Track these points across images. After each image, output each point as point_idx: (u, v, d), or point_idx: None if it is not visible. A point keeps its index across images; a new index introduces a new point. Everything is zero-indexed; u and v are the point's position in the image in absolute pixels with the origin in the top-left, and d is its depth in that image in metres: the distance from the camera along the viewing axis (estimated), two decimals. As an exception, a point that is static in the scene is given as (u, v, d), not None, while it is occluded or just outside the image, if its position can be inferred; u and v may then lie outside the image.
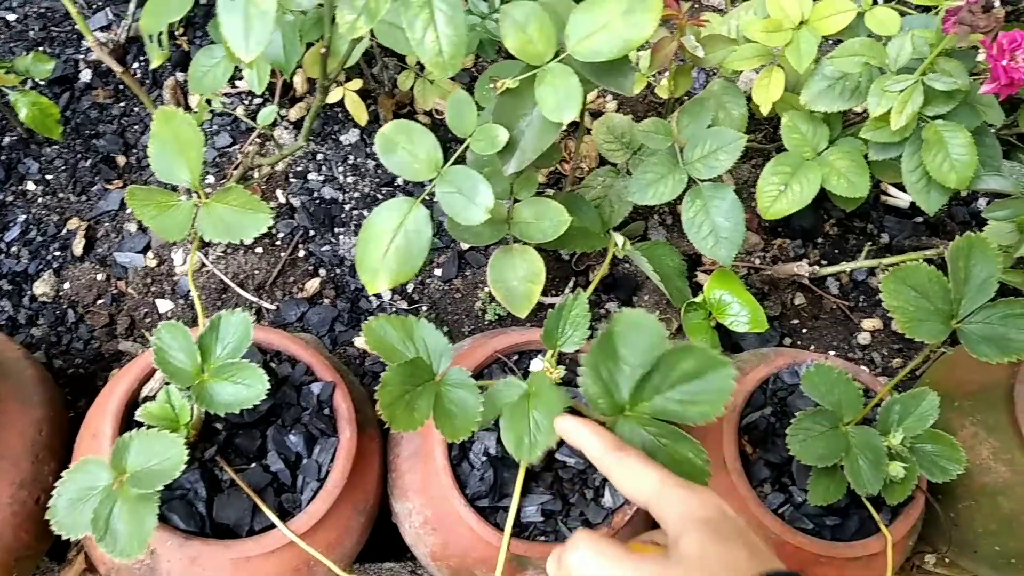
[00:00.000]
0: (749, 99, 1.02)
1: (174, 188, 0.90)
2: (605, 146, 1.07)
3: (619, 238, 0.95)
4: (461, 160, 0.80)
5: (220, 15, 0.59)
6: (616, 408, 0.69)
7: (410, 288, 1.10)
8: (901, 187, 1.27)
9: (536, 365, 0.84)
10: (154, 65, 0.97)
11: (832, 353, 1.19)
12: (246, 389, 0.68)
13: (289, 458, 0.78)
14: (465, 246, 1.11)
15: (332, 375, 0.81)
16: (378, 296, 1.09)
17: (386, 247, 0.79)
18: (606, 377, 0.69)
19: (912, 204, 1.27)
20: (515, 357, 0.87)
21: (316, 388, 0.80)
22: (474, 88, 0.93)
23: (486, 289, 1.09)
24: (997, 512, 0.91)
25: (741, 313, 1.01)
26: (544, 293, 1.11)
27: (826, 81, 0.93)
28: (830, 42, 1.06)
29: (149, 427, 0.69)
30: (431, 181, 0.79)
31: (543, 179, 1.19)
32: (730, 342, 1.15)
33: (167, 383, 0.74)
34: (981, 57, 0.83)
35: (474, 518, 0.77)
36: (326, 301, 1.08)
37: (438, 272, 1.11)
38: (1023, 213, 0.88)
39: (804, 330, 1.19)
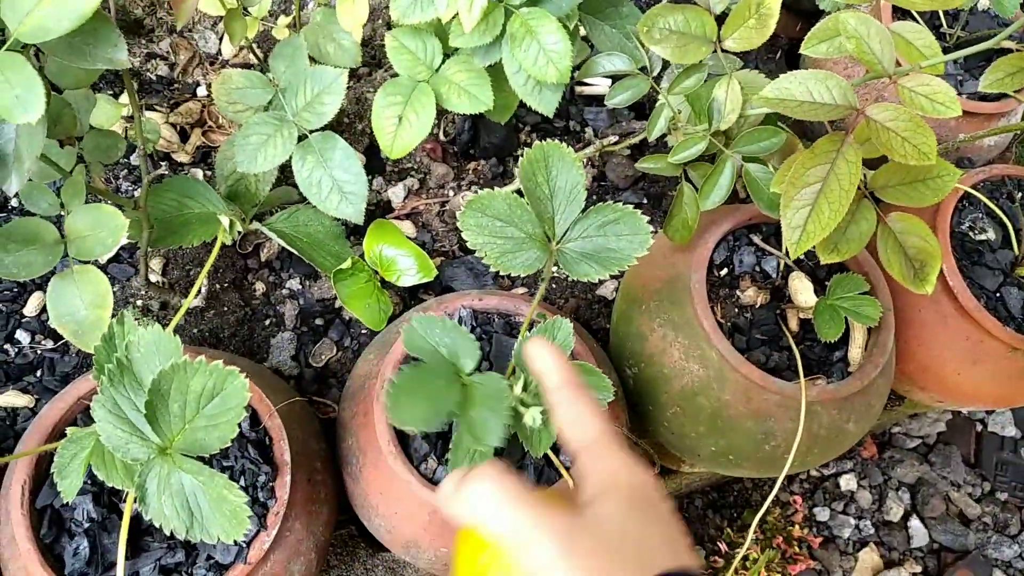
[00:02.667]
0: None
1: None
2: (230, 110, 0.92)
3: (224, 218, 0.82)
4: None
5: None
6: (156, 449, 0.58)
7: (53, 322, 0.96)
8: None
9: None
10: None
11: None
12: None
13: None
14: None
15: None
16: (12, 341, 0.94)
17: None
18: (133, 416, 0.58)
19: (612, 88, 1.17)
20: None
21: None
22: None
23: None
24: (700, 413, 0.84)
25: (409, 265, 0.90)
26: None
27: (413, -13, 0.80)
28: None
29: None
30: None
31: (188, 158, 1.04)
32: (441, 287, 1.05)
33: None
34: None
35: (70, 603, 0.65)
36: (-48, 363, 0.93)
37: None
38: (643, 91, 0.78)
39: (520, 253, 1.09)
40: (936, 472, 1.40)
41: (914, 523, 1.36)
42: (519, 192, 0.67)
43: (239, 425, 0.72)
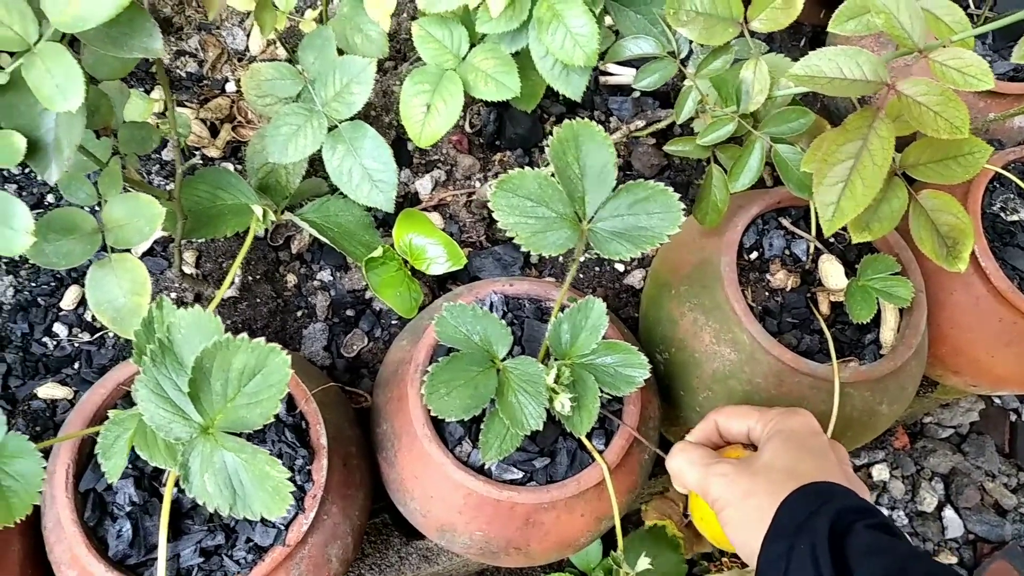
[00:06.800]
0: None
1: None
2: (259, 103, 0.93)
3: (257, 208, 0.83)
4: None
5: None
6: (198, 428, 0.59)
7: (90, 316, 0.97)
8: (620, 63, 1.17)
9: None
10: None
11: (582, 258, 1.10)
12: None
13: None
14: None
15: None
16: (50, 334, 0.96)
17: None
18: (175, 396, 0.59)
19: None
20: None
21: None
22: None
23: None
24: (732, 397, 0.84)
25: (439, 254, 0.91)
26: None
27: (439, -24, 0.80)
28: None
29: None
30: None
31: (218, 153, 1.05)
32: (469, 277, 1.06)
33: None
34: (573, -90, 0.71)
35: (114, 583, 0.66)
36: (-8, 357, 0.95)
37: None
38: (670, 74, 0.78)
39: (547, 243, 1.10)
40: (970, 462, 1.38)
41: (948, 513, 1.34)
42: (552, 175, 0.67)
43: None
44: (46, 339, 0.96)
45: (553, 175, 0.65)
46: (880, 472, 1.35)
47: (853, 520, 0.56)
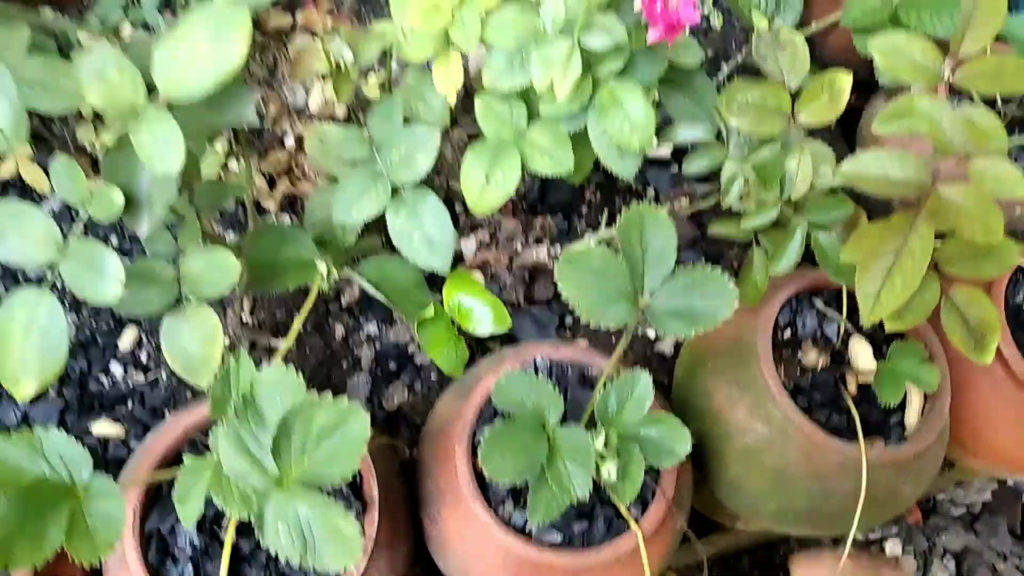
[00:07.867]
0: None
1: None
2: (322, 162, 0.98)
3: (322, 265, 0.87)
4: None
5: None
6: (270, 482, 0.62)
7: (145, 357, 1.01)
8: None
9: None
10: None
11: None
12: None
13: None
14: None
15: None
16: (107, 372, 1.00)
17: (21, 349, 0.70)
18: (254, 448, 0.62)
19: (673, 153, 1.23)
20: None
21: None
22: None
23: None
24: (764, 471, 0.87)
25: (485, 315, 0.95)
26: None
27: (505, 56, 0.86)
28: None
29: None
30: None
31: (275, 205, 1.10)
32: (506, 336, 1.10)
33: None
34: (637, 6, 0.77)
35: (173, 624, 0.69)
36: (51, 393, 0.98)
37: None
38: (719, 160, 0.83)
39: (582, 307, 1.14)
40: (982, 542, 1.40)
41: (959, 591, 1.36)
42: (607, 244, 0.72)
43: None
44: (102, 377, 1.00)
45: (607, 243, 0.69)
46: (893, 547, 1.38)
47: None
